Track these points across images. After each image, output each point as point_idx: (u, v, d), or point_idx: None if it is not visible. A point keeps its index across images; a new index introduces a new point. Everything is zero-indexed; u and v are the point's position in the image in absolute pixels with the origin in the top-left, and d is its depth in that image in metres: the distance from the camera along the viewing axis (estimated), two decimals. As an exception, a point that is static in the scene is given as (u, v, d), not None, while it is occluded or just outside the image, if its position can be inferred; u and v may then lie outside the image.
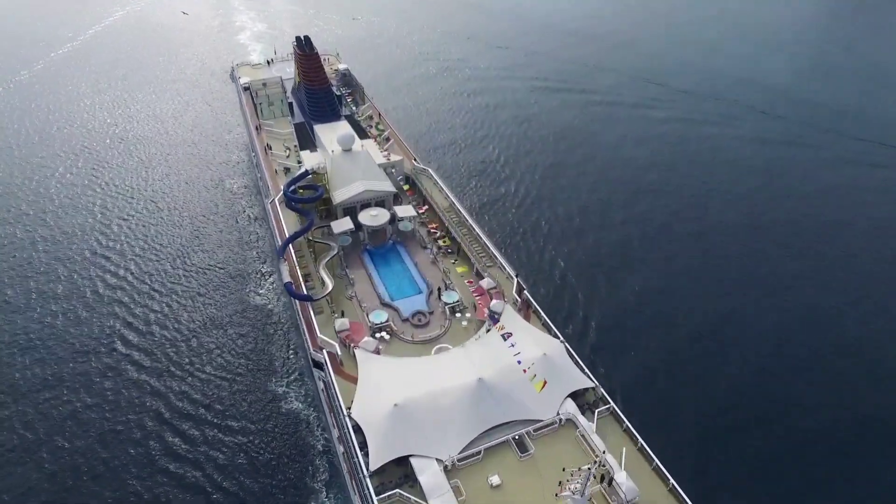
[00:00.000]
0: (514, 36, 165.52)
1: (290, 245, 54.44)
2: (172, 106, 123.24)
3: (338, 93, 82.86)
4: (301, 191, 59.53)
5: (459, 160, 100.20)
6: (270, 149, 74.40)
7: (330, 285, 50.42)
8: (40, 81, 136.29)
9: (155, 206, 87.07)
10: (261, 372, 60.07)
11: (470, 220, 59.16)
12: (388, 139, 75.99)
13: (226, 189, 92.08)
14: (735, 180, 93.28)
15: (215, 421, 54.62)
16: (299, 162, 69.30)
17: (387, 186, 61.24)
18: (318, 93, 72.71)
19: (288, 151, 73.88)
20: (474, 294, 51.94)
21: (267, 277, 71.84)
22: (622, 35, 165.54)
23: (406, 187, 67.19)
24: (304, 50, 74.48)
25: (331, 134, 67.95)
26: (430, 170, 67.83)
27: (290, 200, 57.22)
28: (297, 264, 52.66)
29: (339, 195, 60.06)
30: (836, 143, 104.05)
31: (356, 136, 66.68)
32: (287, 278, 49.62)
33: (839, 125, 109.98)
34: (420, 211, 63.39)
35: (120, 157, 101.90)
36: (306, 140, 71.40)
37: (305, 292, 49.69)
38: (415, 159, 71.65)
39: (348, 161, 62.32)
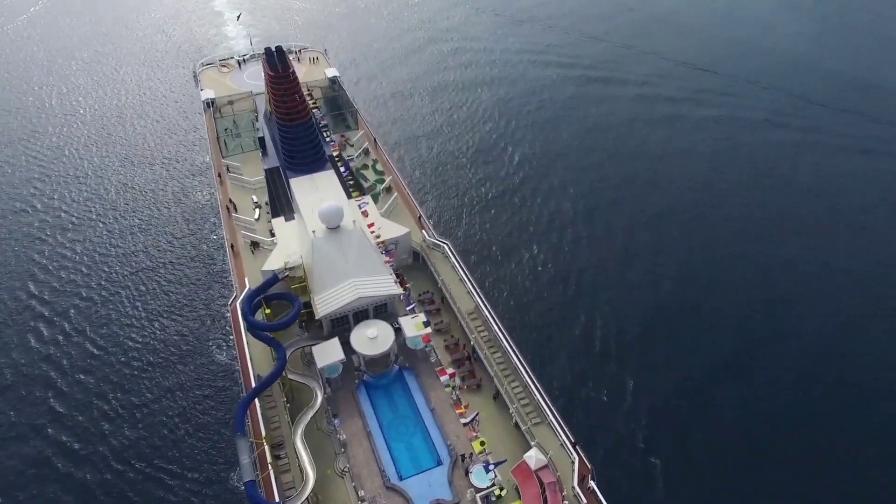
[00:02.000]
0: (531, 6, 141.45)
1: (257, 399, 38.44)
2: (134, 96, 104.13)
3: (322, 120, 63.83)
4: (268, 310, 42.90)
5: (476, 208, 74.05)
6: (235, 208, 56.89)
7: (312, 477, 34.81)
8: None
9: (106, 226, 72.39)
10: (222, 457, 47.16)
11: (506, 340, 42.77)
12: (389, 189, 58.36)
13: (192, 202, 76.19)
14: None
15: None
16: (272, 233, 52.24)
17: (389, 286, 44.59)
18: (296, 132, 53.97)
19: (258, 211, 56.38)
20: (517, 476, 36.49)
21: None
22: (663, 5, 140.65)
23: (418, 303, 48.60)
24: (277, 68, 54.88)
25: (312, 195, 50.52)
26: (446, 245, 50.66)
27: (253, 327, 40.61)
28: (263, 436, 36.74)
29: (324, 304, 43.51)
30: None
31: (346, 202, 49.39)
32: (248, 474, 33.73)
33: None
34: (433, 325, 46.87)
35: (68, 160, 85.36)
36: (281, 199, 54.05)
37: (277, 499, 33.94)
38: (420, 217, 54.57)
39: (335, 246, 45.31)
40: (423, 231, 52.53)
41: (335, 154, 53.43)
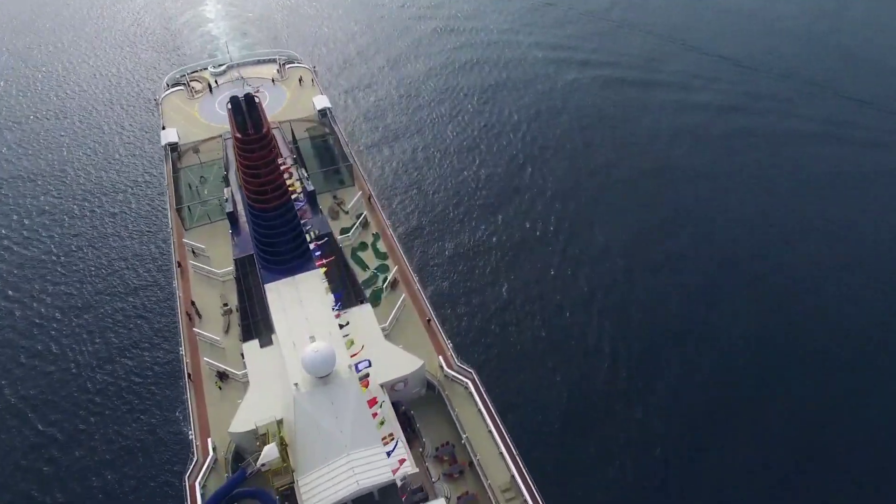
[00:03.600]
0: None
1: None
2: (96, 104, 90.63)
3: (308, 184, 50.24)
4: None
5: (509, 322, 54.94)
6: (199, 315, 44.67)
7: None
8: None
9: (49, 274, 62.31)
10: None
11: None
12: (395, 283, 46.08)
13: (155, 244, 64.86)
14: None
15: None
16: (243, 357, 40.30)
17: (402, 465, 33.22)
18: (273, 217, 40.80)
19: (227, 318, 44.25)
20: None
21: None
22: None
23: (434, 461, 36.98)
24: (246, 129, 40.37)
25: (292, 310, 38.42)
26: (469, 380, 38.73)
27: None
28: None
29: (311, 493, 32.02)
30: None
31: (336, 326, 37.35)
32: None
33: None
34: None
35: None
36: (254, 313, 41.68)
37: None
38: (431, 320, 42.74)
39: (325, 405, 33.60)
40: (440, 356, 40.67)
41: (321, 267, 40.60)
